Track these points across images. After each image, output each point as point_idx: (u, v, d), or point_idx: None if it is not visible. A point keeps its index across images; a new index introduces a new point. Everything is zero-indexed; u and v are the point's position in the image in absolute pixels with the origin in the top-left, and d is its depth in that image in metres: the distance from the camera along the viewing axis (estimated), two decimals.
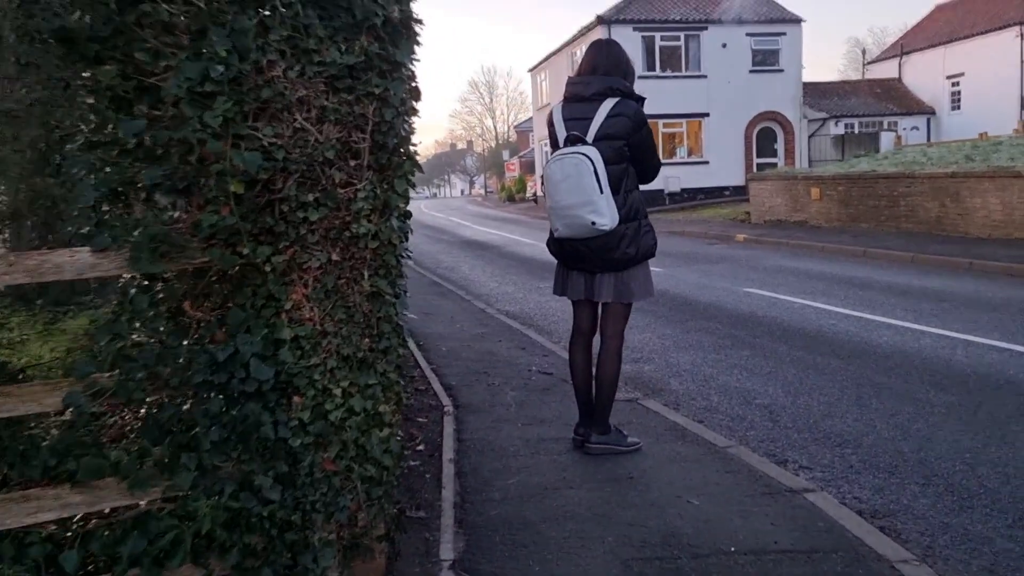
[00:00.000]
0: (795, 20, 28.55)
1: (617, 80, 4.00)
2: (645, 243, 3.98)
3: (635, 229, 3.93)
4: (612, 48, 4.13)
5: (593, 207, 3.80)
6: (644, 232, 3.98)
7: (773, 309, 8.63)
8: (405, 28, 2.59)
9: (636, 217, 3.96)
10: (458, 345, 7.28)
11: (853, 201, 16.12)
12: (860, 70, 45.60)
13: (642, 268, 4.07)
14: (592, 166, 3.79)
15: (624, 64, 4.08)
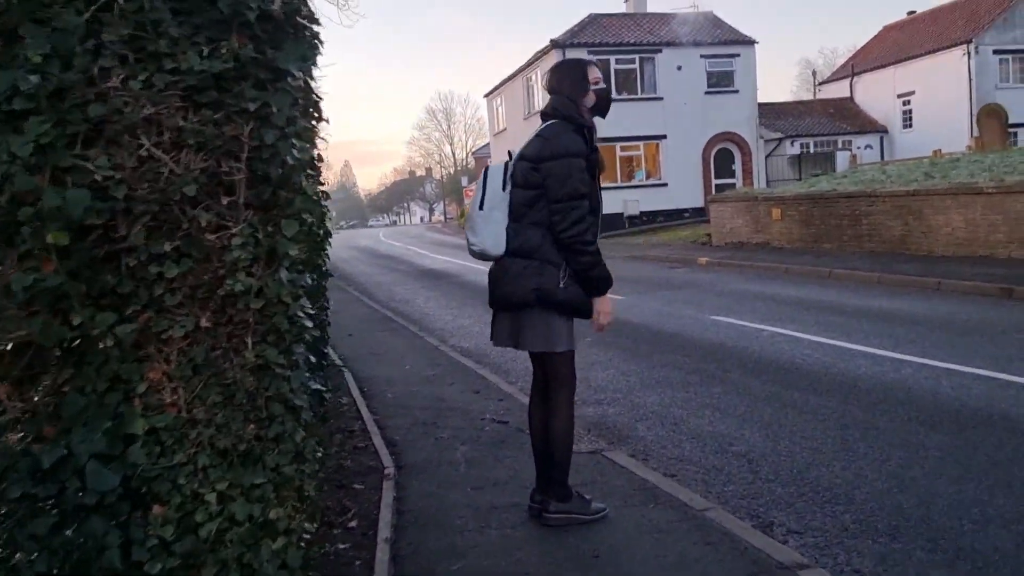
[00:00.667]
0: (748, 41, 28.64)
1: (558, 99, 3.57)
2: (546, 282, 3.41)
3: (532, 269, 3.43)
4: (561, 66, 3.68)
5: (471, 224, 3.53)
6: (536, 272, 3.42)
7: (742, 338, 8.18)
8: (291, 26, 2.03)
9: (528, 255, 3.45)
10: (406, 391, 6.68)
11: (815, 221, 15.88)
12: (812, 90, 46.18)
13: (538, 313, 3.50)
14: (483, 179, 3.53)
15: (567, 83, 3.59)
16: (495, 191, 3.50)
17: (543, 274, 3.40)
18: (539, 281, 3.40)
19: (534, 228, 3.44)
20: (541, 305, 3.44)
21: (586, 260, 3.41)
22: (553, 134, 3.46)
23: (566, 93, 3.57)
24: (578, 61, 3.67)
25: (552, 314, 3.47)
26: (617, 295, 12.07)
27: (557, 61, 3.75)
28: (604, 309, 3.56)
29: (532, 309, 3.46)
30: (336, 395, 6.42)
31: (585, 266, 3.42)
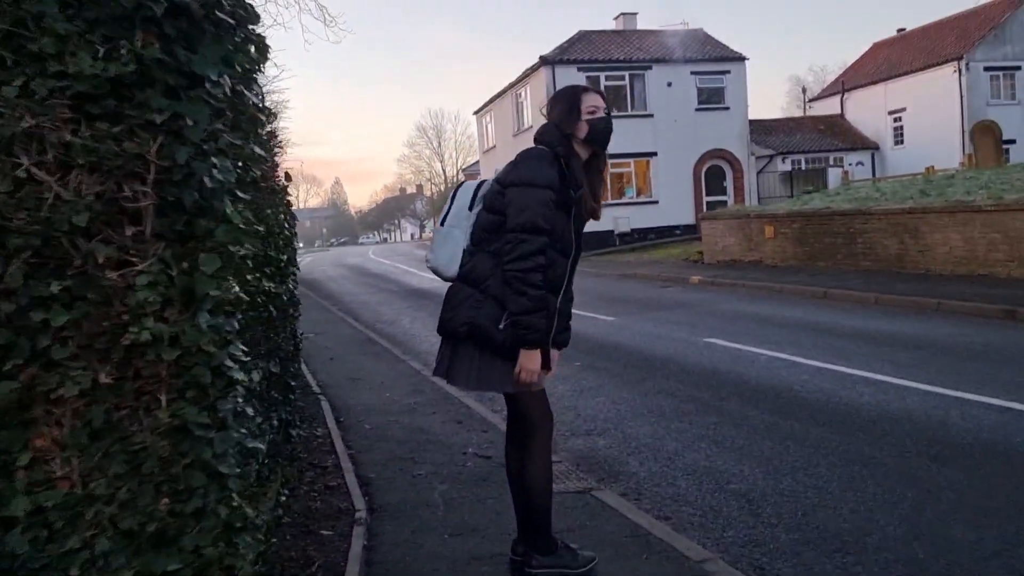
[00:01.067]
0: (739, 58, 28.56)
1: (544, 126, 3.28)
2: (485, 317, 3.06)
3: (473, 300, 3.10)
4: (558, 93, 3.36)
5: (433, 238, 3.33)
6: (478, 303, 3.09)
7: (738, 363, 7.85)
8: (211, 23, 1.70)
9: (478, 286, 3.12)
10: (385, 421, 6.32)
11: (808, 239, 15.62)
12: (803, 107, 46.21)
13: (469, 348, 3.16)
14: (453, 195, 3.29)
15: (557, 110, 3.25)
16: (460, 209, 3.23)
17: (481, 308, 3.06)
18: (474, 315, 3.06)
19: (489, 257, 3.10)
20: (473, 342, 3.11)
21: (522, 303, 2.97)
22: (523, 159, 3.14)
23: (554, 120, 3.25)
24: (574, 89, 3.29)
25: (487, 353, 3.12)
26: (607, 316, 11.78)
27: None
28: (527, 365, 3.04)
29: (466, 342, 3.12)
30: (311, 426, 6.06)
31: (519, 309, 2.97)
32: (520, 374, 3.06)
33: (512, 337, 3.03)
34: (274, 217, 3.63)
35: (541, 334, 3.04)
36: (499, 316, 3.04)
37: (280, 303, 3.49)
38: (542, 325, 3.04)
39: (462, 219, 3.21)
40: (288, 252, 3.87)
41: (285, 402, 4.22)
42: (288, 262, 3.86)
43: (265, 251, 3.32)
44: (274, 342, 3.83)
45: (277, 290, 3.42)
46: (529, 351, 3.04)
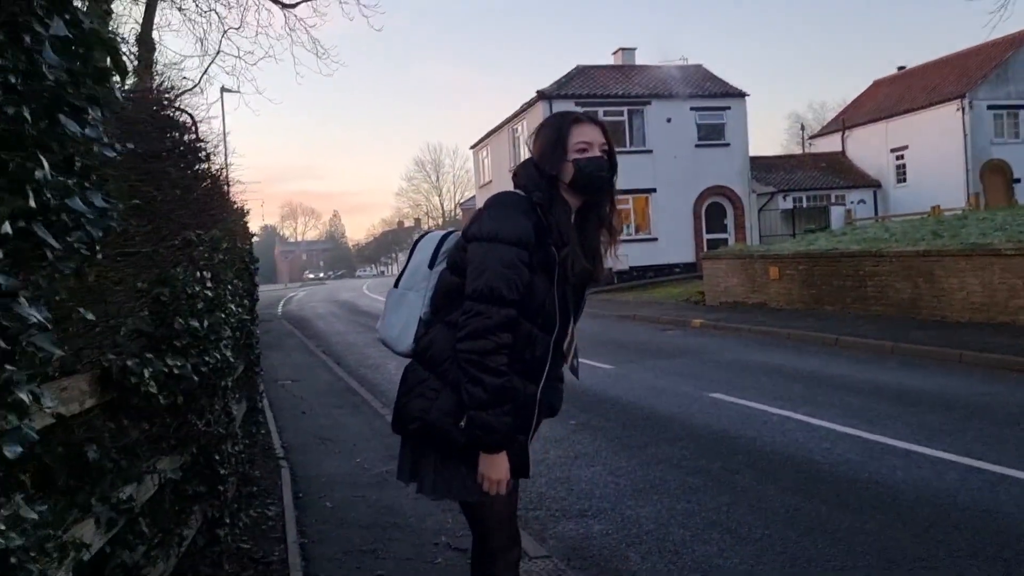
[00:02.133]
0: (739, 94, 28.14)
1: (522, 163, 2.56)
2: (437, 410, 2.34)
3: (427, 387, 2.38)
4: (544, 121, 2.60)
5: (385, 303, 2.61)
6: (431, 390, 2.37)
7: (748, 424, 7.09)
8: None
9: (431, 364, 2.40)
10: (350, 497, 5.53)
11: (816, 281, 14.93)
12: (802, 144, 45.90)
13: (427, 448, 2.42)
14: (412, 249, 2.63)
15: (539, 143, 2.53)
16: (419, 267, 2.53)
17: (437, 399, 2.34)
18: (427, 408, 2.34)
19: (449, 330, 2.37)
20: (428, 441, 2.39)
21: (476, 394, 2.25)
22: (491, 206, 2.41)
23: (534, 157, 2.53)
24: (563, 118, 2.53)
25: (448, 454, 2.39)
26: (606, 364, 11.02)
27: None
28: (489, 473, 2.33)
29: (423, 440, 2.40)
30: (264, 503, 5.28)
31: (473, 402, 2.26)
32: (483, 483, 2.33)
33: (469, 437, 2.30)
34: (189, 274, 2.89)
35: (501, 435, 2.30)
36: (458, 409, 2.31)
37: (187, 383, 2.74)
38: (504, 424, 2.29)
39: (420, 279, 2.51)
40: (247, 302, 3.13)
41: (211, 494, 3.46)
42: (248, 313, 3.11)
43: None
44: (189, 429, 3.08)
45: (181, 370, 2.68)
46: (490, 455, 2.31)
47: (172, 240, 2.93)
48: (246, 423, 5.86)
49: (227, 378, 3.69)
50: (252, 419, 6.15)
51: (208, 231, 3.70)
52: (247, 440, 5.64)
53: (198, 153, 3.86)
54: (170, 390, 2.61)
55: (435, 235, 2.63)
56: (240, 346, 5.14)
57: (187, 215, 3.24)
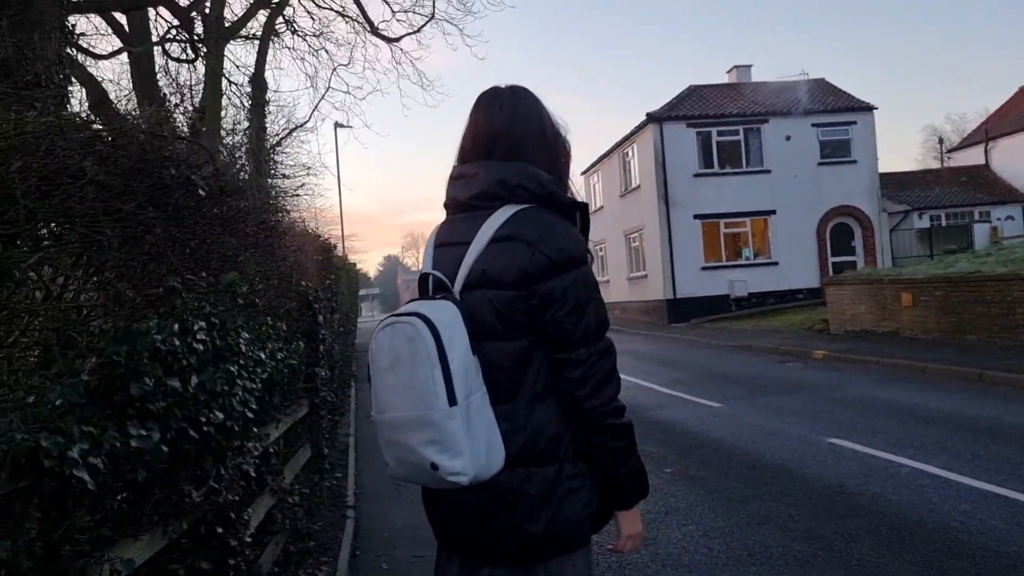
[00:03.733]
0: (866, 108, 26.41)
1: (521, 168, 1.96)
2: (569, 511, 1.84)
3: (546, 481, 1.83)
4: (518, 102, 2.05)
5: (433, 432, 1.75)
6: (568, 489, 1.85)
7: (872, 478, 6.18)
8: None
9: (552, 456, 1.85)
10: (410, 556, 5.07)
11: (955, 308, 13.49)
12: (940, 158, 42.88)
13: (567, 566, 1.88)
14: (435, 344, 1.75)
15: (539, 132, 2.03)
16: (463, 359, 1.79)
17: (561, 487, 1.84)
18: (570, 504, 1.85)
19: (543, 405, 1.86)
20: (571, 545, 1.88)
21: (622, 446, 1.88)
22: (542, 231, 1.87)
23: (542, 148, 2.04)
24: (528, 95, 2.08)
25: (580, 557, 1.90)
26: (712, 400, 10.20)
27: (492, 94, 2.08)
28: (635, 530, 1.97)
29: (554, 558, 1.87)
30: (318, 561, 4.90)
31: (622, 456, 1.88)
32: (627, 544, 1.97)
33: (617, 496, 1.93)
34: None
35: (646, 479, 1.97)
36: (590, 492, 1.89)
37: (154, 455, 2.34)
38: (643, 465, 1.96)
39: (473, 376, 1.81)
40: (208, 375, 2.75)
41: (218, 571, 3.07)
42: (203, 386, 2.73)
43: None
44: (174, 503, 2.69)
45: (143, 442, 2.28)
46: (634, 513, 1.97)
47: (151, 289, 2.56)
48: (308, 470, 5.53)
49: (241, 438, 3.30)
50: (317, 466, 5.82)
51: (226, 272, 3.35)
52: (307, 490, 5.30)
53: (222, 188, 3.53)
54: (126, 467, 2.21)
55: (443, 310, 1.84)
56: (287, 392, 4.81)
57: (185, 256, 2.88)
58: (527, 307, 1.84)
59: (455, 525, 1.94)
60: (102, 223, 2.47)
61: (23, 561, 1.93)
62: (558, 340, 1.83)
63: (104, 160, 2.59)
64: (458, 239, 1.97)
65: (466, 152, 2.06)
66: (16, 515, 1.96)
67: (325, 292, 6.65)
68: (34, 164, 2.10)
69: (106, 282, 2.49)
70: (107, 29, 13.72)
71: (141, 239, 2.61)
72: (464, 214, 2.00)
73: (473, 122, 2.07)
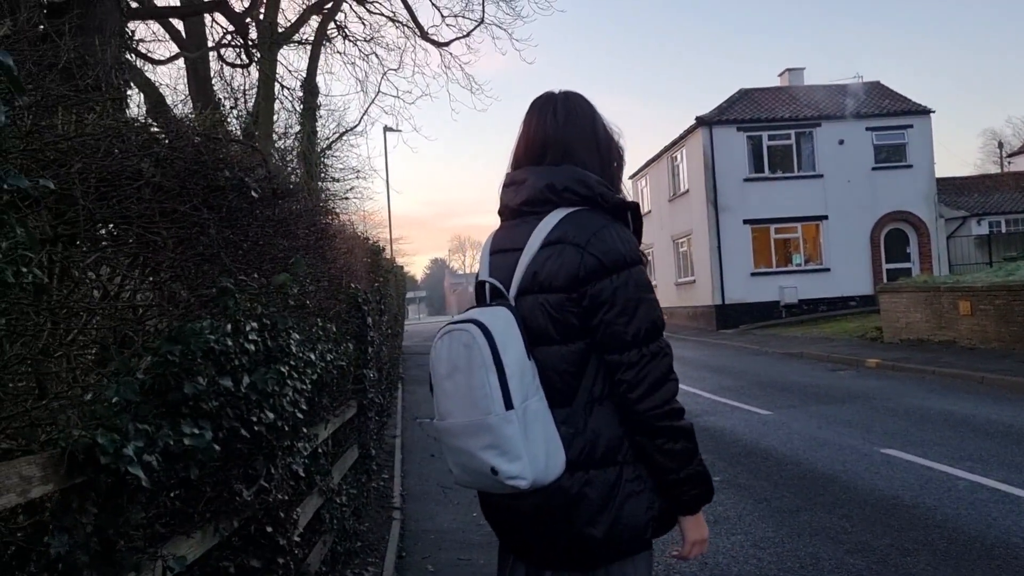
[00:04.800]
0: (923, 111, 25.75)
1: (569, 172, 1.96)
2: (630, 516, 1.83)
3: (606, 484, 1.82)
4: (571, 107, 2.05)
5: (491, 437, 1.76)
6: (628, 493, 1.84)
7: (927, 491, 6.01)
8: None
9: (611, 459, 1.84)
10: (456, 559, 5.07)
11: (1016, 317, 13.06)
12: (1000, 163, 41.64)
13: (629, 570, 1.87)
14: (489, 350, 1.76)
15: (591, 136, 2.04)
16: (521, 367, 1.80)
17: (620, 490, 1.84)
18: (631, 509, 1.84)
19: (601, 408, 1.86)
20: (631, 549, 1.87)
21: (681, 449, 1.85)
22: (591, 232, 1.87)
23: (593, 150, 2.06)
24: (582, 100, 2.10)
25: (640, 562, 1.90)
26: (763, 408, 10.03)
27: (545, 100, 2.08)
28: (700, 536, 1.95)
29: (615, 562, 1.87)
30: (365, 561, 4.93)
31: (681, 459, 1.84)
32: (692, 549, 1.95)
33: (680, 500, 1.89)
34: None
35: (711, 481, 1.94)
36: (649, 496, 1.87)
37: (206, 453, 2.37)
38: (706, 469, 1.93)
39: (529, 380, 1.82)
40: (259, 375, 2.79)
41: (267, 570, 3.10)
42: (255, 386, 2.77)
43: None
44: (224, 501, 2.73)
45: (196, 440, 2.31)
46: (696, 515, 1.94)
47: (204, 289, 2.60)
48: (356, 471, 5.57)
49: (291, 438, 3.33)
50: (364, 467, 5.86)
51: (277, 273, 3.39)
52: (354, 490, 5.34)
53: (274, 191, 3.58)
54: (179, 465, 2.25)
55: (497, 316, 1.86)
56: (336, 393, 4.85)
57: (238, 257, 2.93)
58: (578, 310, 1.85)
59: (516, 531, 1.94)
60: (158, 224, 2.52)
61: (79, 556, 1.96)
62: (609, 342, 1.83)
63: (160, 162, 2.64)
64: (511, 245, 2.00)
65: (519, 158, 2.09)
66: (73, 511, 2.00)
67: (373, 294, 6.70)
68: (93, 166, 2.14)
69: (161, 282, 2.54)
70: (164, 35, 14.08)
71: (195, 240, 2.65)
72: (517, 220, 2.03)
73: (526, 128, 2.10)
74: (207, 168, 2.83)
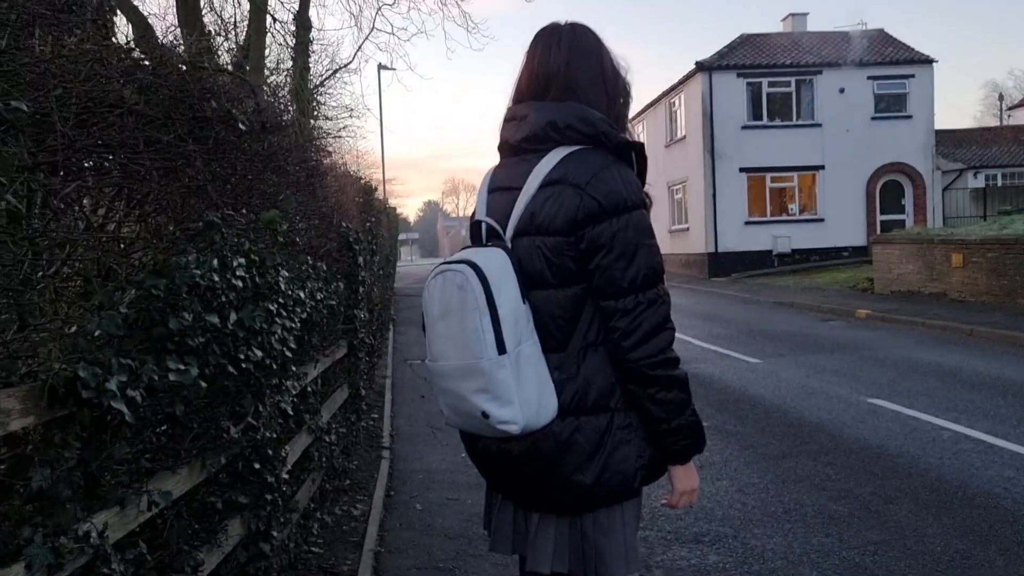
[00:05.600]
0: (925, 60, 25.41)
1: (572, 108, 1.88)
2: (619, 463, 1.82)
3: (596, 431, 1.81)
4: (577, 40, 1.97)
5: (483, 381, 1.73)
6: (618, 441, 1.82)
7: (912, 440, 6.07)
8: None
9: (603, 406, 1.82)
10: (443, 499, 5.11)
11: (1008, 271, 13.09)
12: (999, 116, 41.31)
13: (616, 516, 1.87)
14: (483, 292, 1.72)
15: (597, 71, 1.96)
16: (512, 306, 1.75)
17: (610, 437, 1.81)
18: (619, 456, 1.82)
19: (595, 354, 1.83)
20: (619, 496, 1.86)
21: (674, 398, 1.81)
22: (591, 173, 1.81)
23: (599, 86, 1.97)
24: (588, 32, 2.01)
25: (627, 509, 1.89)
26: (752, 357, 10.09)
27: (549, 32, 1.99)
28: (690, 485, 1.93)
29: (602, 508, 1.86)
30: (353, 499, 4.97)
31: (674, 408, 1.81)
32: (681, 499, 1.94)
33: (671, 450, 1.86)
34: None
35: (703, 432, 1.91)
36: (639, 445, 1.85)
37: (192, 390, 2.34)
38: (699, 419, 1.90)
39: (524, 324, 1.78)
40: (247, 312, 2.74)
41: (255, 505, 3.10)
42: (242, 323, 2.72)
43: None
44: (211, 438, 2.71)
45: (181, 376, 2.27)
46: (689, 467, 1.92)
47: (191, 223, 2.54)
48: (345, 411, 5.58)
49: (280, 376, 3.31)
50: (354, 407, 5.87)
51: (266, 209, 3.33)
52: (344, 429, 5.36)
53: (264, 124, 3.48)
54: (164, 400, 2.22)
55: (492, 257, 1.80)
56: (326, 332, 4.82)
57: (226, 192, 2.85)
58: (576, 253, 1.81)
59: (504, 474, 1.93)
60: (142, 154, 2.44)
61: (61, 489, 1.94)
62: (605, 288, 1.79)
63: (144, 89, 2.55)
64: (510, 184, 1.95)
65: (521, 92, 2.03)
66: (55, 444, 1.97)
67: (366, 234, 6.63)
68: (73, 91, 2.06)
69: (146, 215, 2.47)
70: None
71: (181, 172, 2.58)
72: (516, 157, 1.98)
73: (529, 60, 2.03)
74: (193, 98, 2.73)
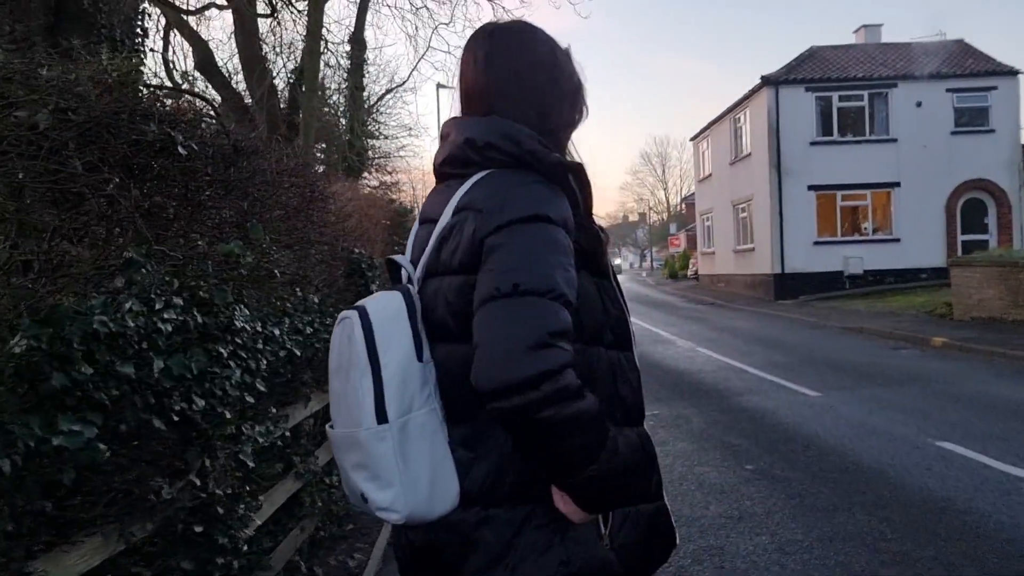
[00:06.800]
0: (1009, 72, 24.04)
1: (493, 124, 1.53)
2: (533, 570, 1.39)
3: (510, 526, 1.40)
4: (496, 45, 1.59)
5: (361, 455, 1.40)
6: (532, 544, 1.40)
7: (983, 493, 5.41)
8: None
9: (521, 496, 1.42)
10: None
11: None
12: None
13: None
14: (366, 347, 1.37)
15: (517, 80, 1.57)
16: (400, 365, 1.39)
17: (526, 535, 1.41)
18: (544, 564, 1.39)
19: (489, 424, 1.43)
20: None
21: (575, 447, 1.31)
22: (502, 197, 1.43)
23: (539, 95, 1.60)
24: (530, 31, 1.63)
25: None
26: (810, 389, 9.41)
27: (485, 33, 1.63)
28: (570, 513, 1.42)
29: None
30: (353, 546, 4.63)
31: (574, 461, 1.32)
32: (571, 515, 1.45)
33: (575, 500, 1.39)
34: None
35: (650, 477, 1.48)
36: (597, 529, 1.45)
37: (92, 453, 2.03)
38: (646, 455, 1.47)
39: (417, 388, 1.41)
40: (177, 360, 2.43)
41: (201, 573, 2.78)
42: (169, 372, 2.41)
43: None
44: (135, 501, 2.40)
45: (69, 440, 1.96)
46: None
47: (107, 262, 2.23)
48: None
49: (236, 425, 2.98)
50: None
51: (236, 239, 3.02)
52: None
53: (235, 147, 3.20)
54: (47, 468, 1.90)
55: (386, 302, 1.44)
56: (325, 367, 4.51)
57: (162, 223, 2.55)
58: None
59: (412, 563, 1.56)
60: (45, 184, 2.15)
61: None
62: (476, 296, 1.36)
63: (59, 112, 2.27)
64: (432, 215, 1.61)
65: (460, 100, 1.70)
66: None
67: None
68: None
69: (50, 251, 2.18)
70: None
71: (92, 201, 2.28)
72: (443, 184, 1.63)
73: (464, 65, 1.66)
74: (123, 122, 2.44)
